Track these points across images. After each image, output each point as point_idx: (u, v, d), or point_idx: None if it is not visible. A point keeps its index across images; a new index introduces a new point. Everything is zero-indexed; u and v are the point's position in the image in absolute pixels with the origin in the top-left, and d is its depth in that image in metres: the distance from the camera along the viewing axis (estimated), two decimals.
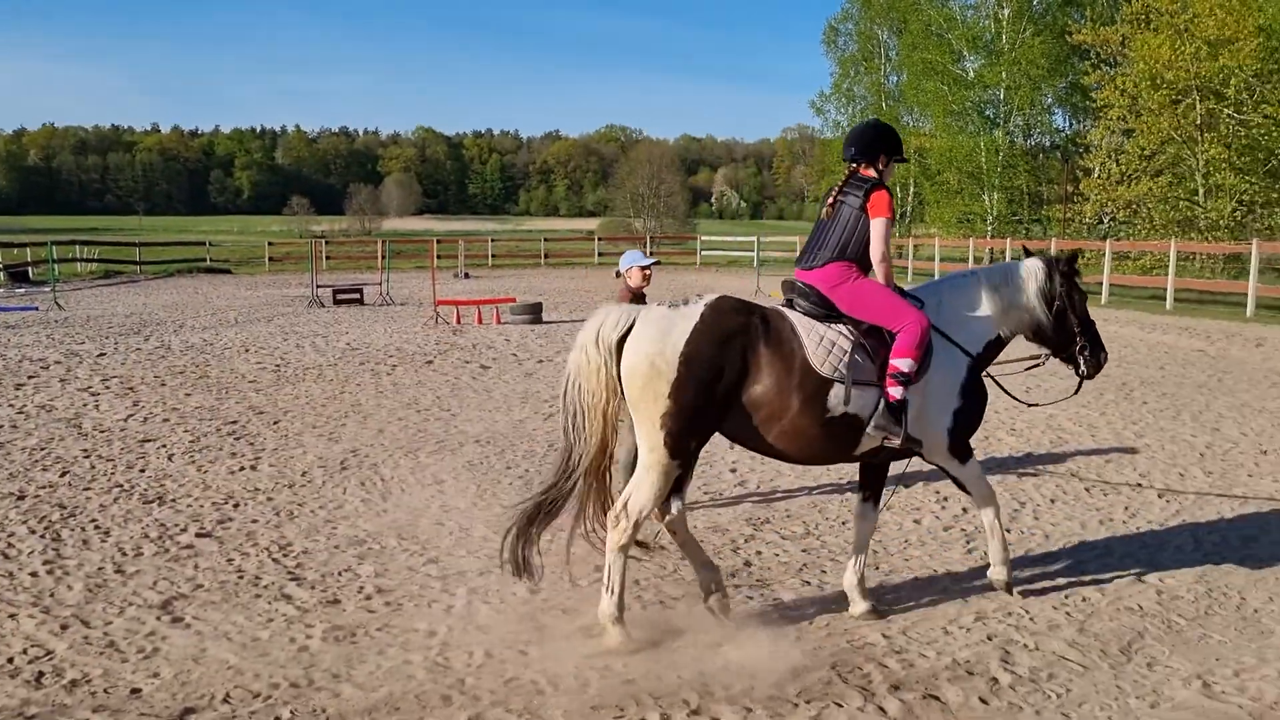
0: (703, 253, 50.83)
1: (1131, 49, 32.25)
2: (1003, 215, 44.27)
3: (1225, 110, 31.12)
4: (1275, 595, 5.60)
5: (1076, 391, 6.19)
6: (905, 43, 47.41)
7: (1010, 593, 5.50)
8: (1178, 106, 31.51)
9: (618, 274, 7.24)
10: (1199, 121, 31.33)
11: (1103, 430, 10.05)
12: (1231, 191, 31.14)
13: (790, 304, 5.52)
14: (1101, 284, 25.90)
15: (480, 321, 20.61)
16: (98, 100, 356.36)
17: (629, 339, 5.11)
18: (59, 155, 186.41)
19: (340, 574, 6.05)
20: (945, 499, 7.64)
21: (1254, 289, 21.34)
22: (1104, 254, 26.48)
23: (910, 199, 50.53)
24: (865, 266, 5.40)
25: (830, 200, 5.59)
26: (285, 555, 6.39)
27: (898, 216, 46.46)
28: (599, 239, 55.40)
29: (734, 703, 4.37)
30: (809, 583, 5.90)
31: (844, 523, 7.06)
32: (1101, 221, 38.02)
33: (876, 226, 5.34)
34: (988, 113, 44.73)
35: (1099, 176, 35.05)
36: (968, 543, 6.63)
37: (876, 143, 5.63)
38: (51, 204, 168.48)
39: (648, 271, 7.13)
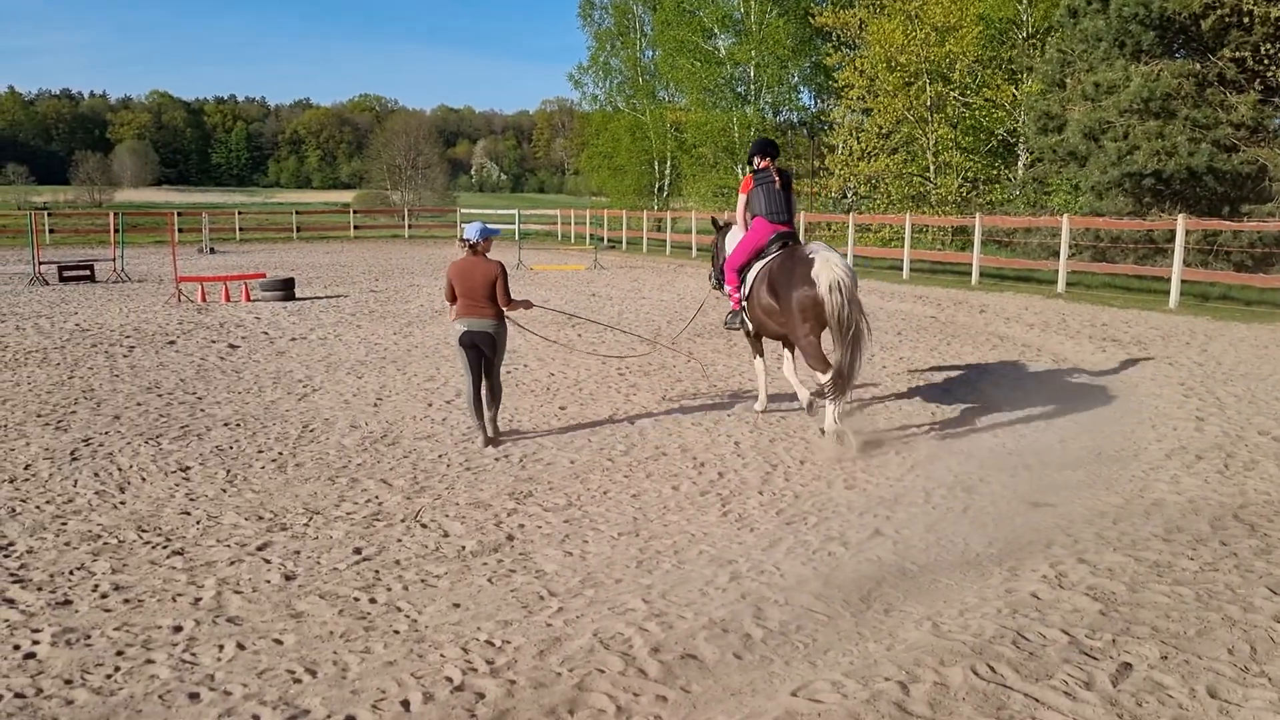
0: (463, 226, 50.19)
1: (869, 33, 34.09)
2: None
3: (952, 93, 33.43)
4: (994, 540, 6.10)
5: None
6: (659, 19, 48.25)
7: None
8: (910, 88, 33.58)
9: (466, 242, 8.50)
10: (929, 103, 33.53)
11: None
12: (958, 169, 33.54)
13: (792, 242, 8.93)
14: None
15: (228, 299, 19.58)
16: None
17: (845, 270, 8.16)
18: None
19: (72, 573, 5.63)
20: (702, 465, 7.90)
21: (977, 259, 23.10)
22: (848, 226, 27.96)
23: (668, 172, 51.64)
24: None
25: (776, 183, 9.03)
26: (7, 556, 5.88)
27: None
28: (354, 212, 53.76)
29: (497, 675, 4.37)
30: (571, 553, 5.97)
31: (605, 492, 7.18)
32: (845, 196, 40.12)
33: (794, 198, 9.22)
34: (739, 89, 46.25)
35: (842, 153, 36.94)
36: (723, 506, 6.88)
37: (774, 146, 9.34)
38: None
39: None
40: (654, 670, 4.43)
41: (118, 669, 4.48)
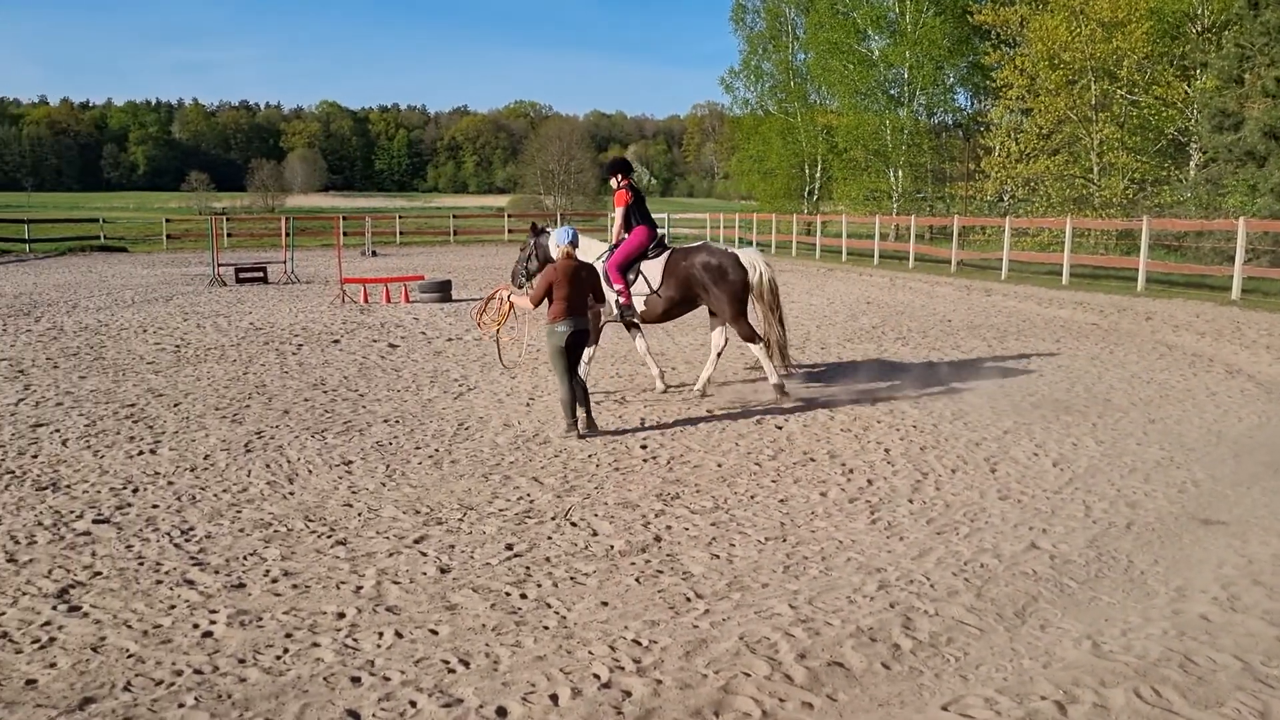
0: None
1: (1030, 30, 33.02)
2: (908, 192, 45.14)
3: (1119, 91, 32.08)
4: (1160, 558, 5.84)
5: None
6: (811, 21, 47.87)
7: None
8: (1074, 87, 32.40)
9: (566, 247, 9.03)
10: (1094, 102, 32.27)
11: (1001, 401, 10.34)
12: (1124, 170, 32.15)
13: (668, 244, 10.73)
14: (1001, 260, 26.59)
15: (388, 300, 20.33)
16: None
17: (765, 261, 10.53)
18: None
19: (245, 558, 5.95)
20: (850, 471, 7.81)
21: (1144, 264, 22.09)
22: (1004, 230, 27.14)
23: (818, 176, 51.13)
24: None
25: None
26: (188, 540, 6.26)
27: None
28: (508, 216, 55.02)
29: (644, 674, 4.43)
30: (718, 556, 5.98)
31: (753, 496, 7.18)
32: (1001, 199, 38.98)
33: None
34: (892, 91, 45.48)
35: (999, 154, 35.88)
36: (872, 513, 6.78)
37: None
38: None
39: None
40: (800, 676, 4.40)
41: (286, 650, 4.72)
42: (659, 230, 10.75)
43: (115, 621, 5.03)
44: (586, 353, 10.08)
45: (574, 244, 9.02)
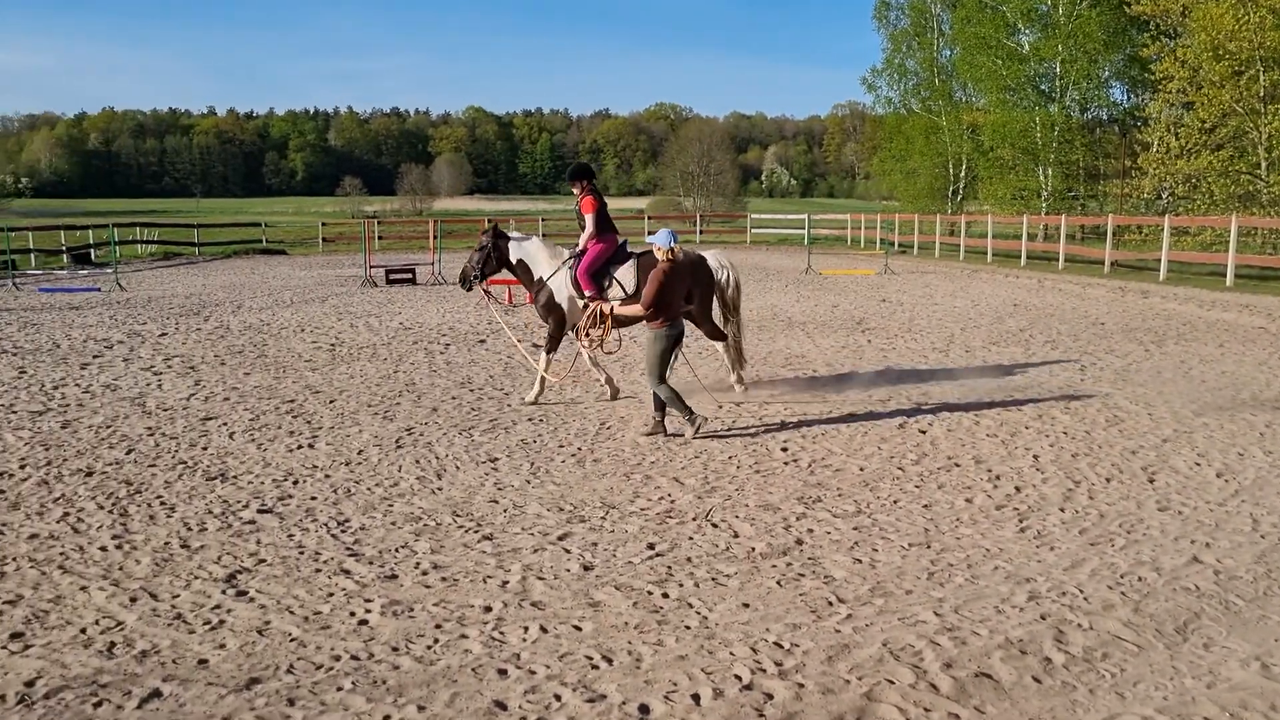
0: (753, 230, 50.65)
1: (1193, 19, 31.48)
2: (1058, 191, 43.59)
3: None
4: None
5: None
6: (958, 16, 46.70)
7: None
8: (1240, 78, 30.74)
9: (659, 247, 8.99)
10: (1263, 93, 30.56)
11: (1159, 408, 9.91)
12: None
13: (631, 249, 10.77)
14: (1160, 260, 25.45)
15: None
16: (156, 84, 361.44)
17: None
18: (118, 139, 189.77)
19: (397, 550, 6.17)
20: (997, 478, 7.62)
21: None
22: (1162, 229, 25.97)
23: (963, 175, 49.87)
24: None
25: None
26: (344, 531, 6.53)
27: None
28: (649, 217, 55.34)
29: (785, 677, 4.42)
30: (860, 560, 5.92)
31: (895, 501, 7.07)
32: (1160, 197, 37.27)
33: None
34: (1043, 87, 44.00)
35: (1157, 151, 34.34)
36: (1020, 521, 6.60)
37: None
38: (111, 187, 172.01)
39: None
40: (946, 686, 4.33)
41: (436, 641, 4.88)
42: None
43: (279, 607, 5.29)
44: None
45: (676, 247, 9.03)
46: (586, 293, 10.38)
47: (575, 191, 10.78)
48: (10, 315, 18.86)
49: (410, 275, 26.11)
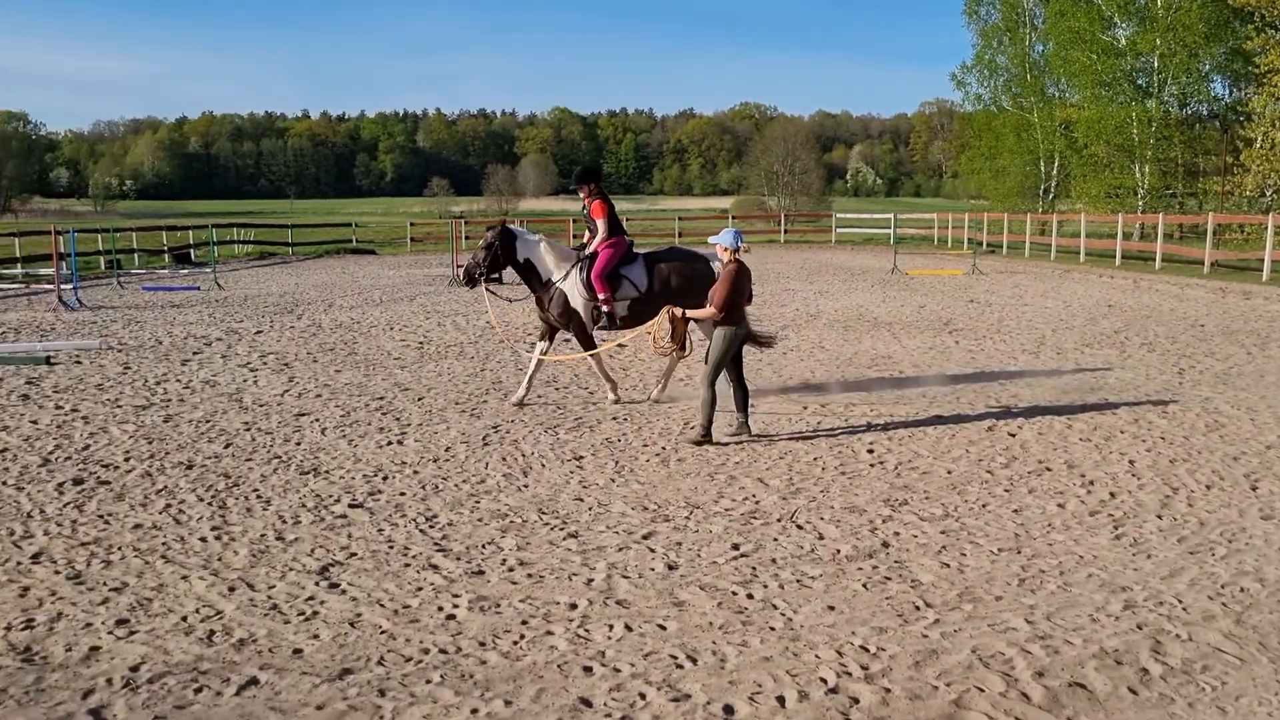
0: (838, 230, 50.20)
1: None
2: (1155, 189, 42.33)
3: None
4: None
5: None
6: (1052, 10, 45.64)
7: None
8: None
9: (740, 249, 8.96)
10: None
11: (1263, 413, 9.59)
12: None
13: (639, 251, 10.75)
14: (1263, 261, 24.58)
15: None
16: (253, 88, 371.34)
17: None
18: (217, 142, 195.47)
19: (484, 546, 6.25)
20: (1091, 483, 7.44)
21: None
22: (1266, 229, 25.07)
23: (1055, 173, 48.76)
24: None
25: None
26: (432, 527, 6.64)
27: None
28: (733, 217, 55.23)
29: (871, 681, 4.38)
30: (948, 565, 5.83)
31: (984, 505, 6.95)
32: (1263, 194, 35.97)
33: None
34: (1140, 82, 42.77)
35: (1261, 147, 33.17)
36: (1116, 528, 6.44)
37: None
38: (210, 189, 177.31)
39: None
40: (1038, 695, 4.24)
41: (523, 637, 4.93)
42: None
43: (369, 600, 5.40)
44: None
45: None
46: (600, 295, 10.31)
47: (582, 195, 10.67)
48: (116, 313, 19.56)
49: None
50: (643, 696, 4.31)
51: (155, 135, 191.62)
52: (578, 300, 10.44)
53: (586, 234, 10.80)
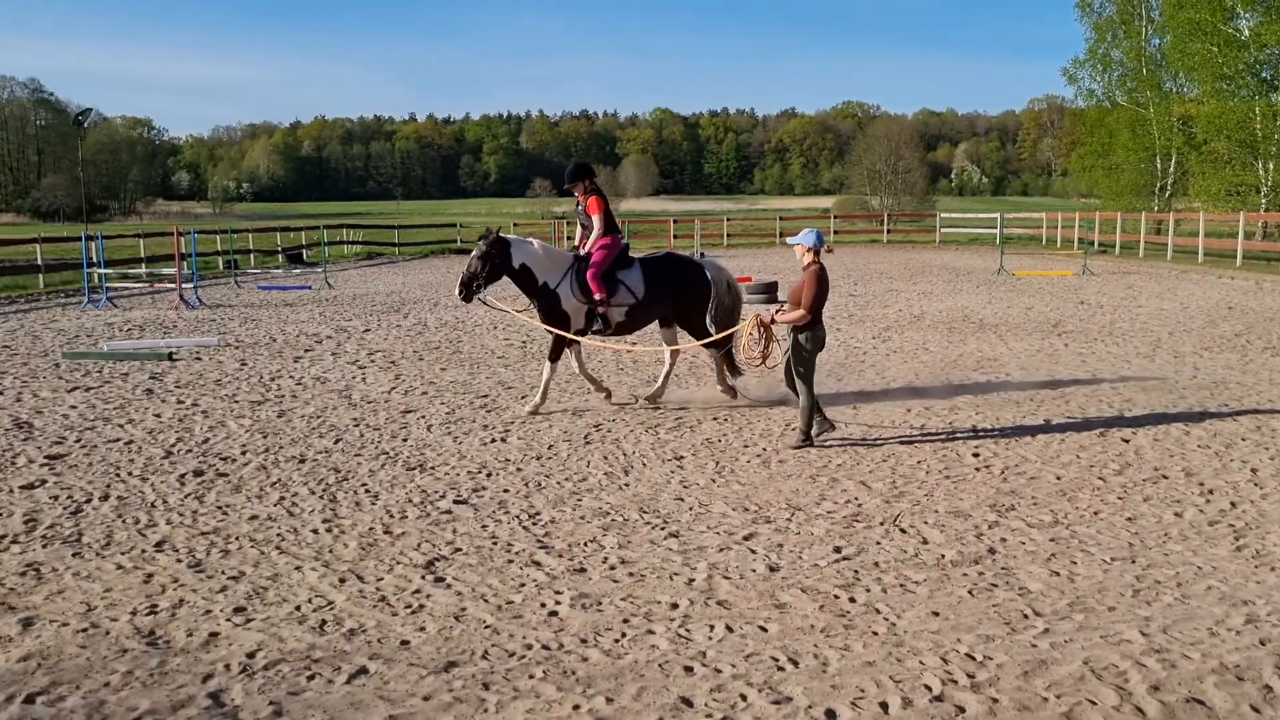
0: (942, 230, 49.30)
1: None
2: (1279, 186, 40.58)
3: None
4: None
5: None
6: (1169, 2, 44.07)
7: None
8: None
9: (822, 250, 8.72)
10: None
11: None
12: None
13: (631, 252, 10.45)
14: None
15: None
16: (362, 93, 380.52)
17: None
18: (328, 145, 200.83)
19: (586, 544, 6.31)
20: (1210, 492, 7.18)
21: None
22: None
23: (1172, 170, 47.09)
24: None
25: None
26: (534, 524, 6.72)
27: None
28: (834, 217, 54.69)
29: (978, 690, 4.29)
30: (1057, 573, 5.69)
31: (1096, 513, 6.76)
32: None
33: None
34: (1264, 74, 41.05)
35: None
36: (1236, 539, 6.20)
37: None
38: (321, 190, 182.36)
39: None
40: (1153, 710, 4.11)
41: (624, 635, 4.96)
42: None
43: (474, 594, 5.50)
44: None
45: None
46: (597, 296, 10.03)
47: (577, 192, 10.31)
48: (233, 311, 20.26)
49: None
50: (744, 698, 4.31)
51: (270, 139, 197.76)
52: (570, 302, 10.07)
53: (579, 233, 10.51)
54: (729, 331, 10.02)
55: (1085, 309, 19.02)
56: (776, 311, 8.94)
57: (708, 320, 10.45)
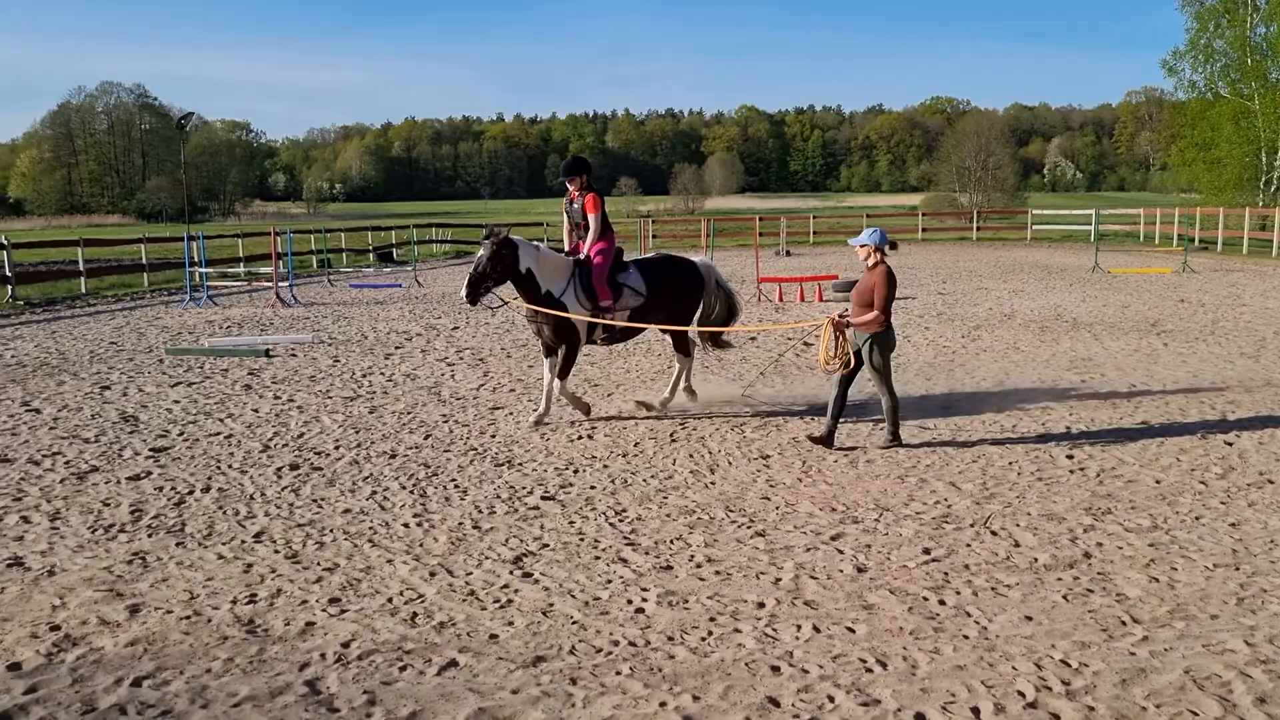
0: (1034, 227, 48.26)
1: None
2: None
3: None
4: None
5: None
6: None
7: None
8: None
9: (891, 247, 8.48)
10: None
11: None
12: None
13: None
14: None
15: (802, 299, 20.65)
16: (451, 94, 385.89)
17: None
18: (418, 146, 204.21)
19: (672, 542, 6.32)
20: None
21: None
22: None
23: (1279, 164, 45.37)
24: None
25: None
26: (621, 521, 6.76)
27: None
28: (922, 214, 53.87)
29: (1074, 698, 4.20)
30: (1157, 579, 5.53)
31: (1197, 518, 6.55)
32: None
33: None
34: None
35: None
36: None
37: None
38: (410, 190, 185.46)
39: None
40: None
41: (710, 634, 4.96)
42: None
43: (561, 590, 5.55)
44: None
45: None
46: (604, 303, 9.57)
47: (572, 187, 9.83)
48: (326, 309, 20.73)
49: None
50: (831, 699, 4.28)
51: (362, 141, 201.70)
52: (577, 311, 9.46)
53: (566, 231, 10.05)
54: (759, 328, 9.90)
55: (1185, 307, 18.45)
56: (840, 315, 8.54)
57: (694, 320, 10.34)
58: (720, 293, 10.46)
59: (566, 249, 9.98)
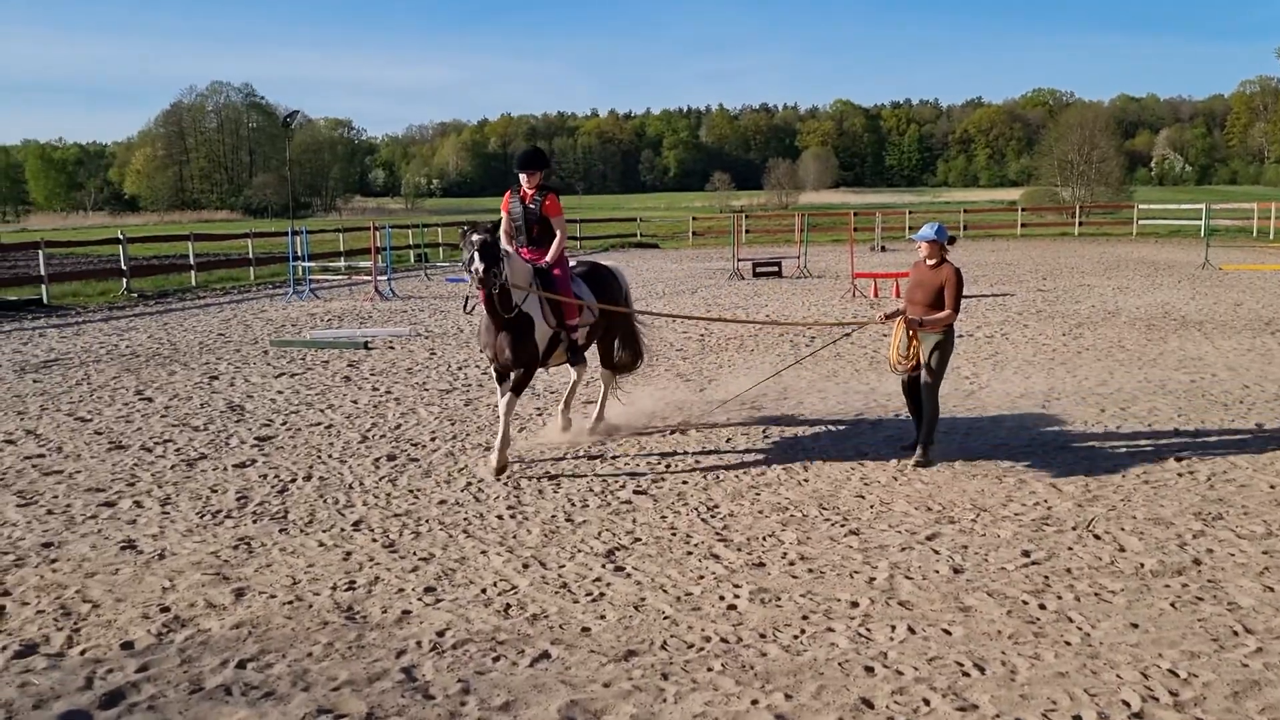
0: (1140, 222, 46.78)
1: None
2: None
3: None
4: None
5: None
6: None
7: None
8: None
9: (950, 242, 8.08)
10: None
11: None
12: None
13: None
14: None
15: (898, 294, 20.34)
16: (546, 90, 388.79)
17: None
18: (513, 142, 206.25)
19: (765, 538, 6.28)
20: None
21: None
22: None
23: None
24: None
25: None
26: (713, 516, 6.74)
27: None
28: (1022, 210, 52.64)
29: (1182, 710, 4.06)
30: (1271, 588, 5.31)
31: None
32: None
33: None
34: None
35: None
36: None
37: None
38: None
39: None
40: None
41: (803, 632, 4.92)
42: None
43: (653, 584, 5.55)
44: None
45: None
46: (570, 321, 8.28)
47: (526, 184, 8.31)
48: (423, 302, 21.09)
49: (777, 268, 26.42)
50: (926, 703, 4.20)
51: (459, 137, 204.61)
52: (542, 328, 8.01)
53: (503, 236, 8.25)
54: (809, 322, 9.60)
55: None
56: (889, 314, 8.23)
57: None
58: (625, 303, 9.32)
59: None
